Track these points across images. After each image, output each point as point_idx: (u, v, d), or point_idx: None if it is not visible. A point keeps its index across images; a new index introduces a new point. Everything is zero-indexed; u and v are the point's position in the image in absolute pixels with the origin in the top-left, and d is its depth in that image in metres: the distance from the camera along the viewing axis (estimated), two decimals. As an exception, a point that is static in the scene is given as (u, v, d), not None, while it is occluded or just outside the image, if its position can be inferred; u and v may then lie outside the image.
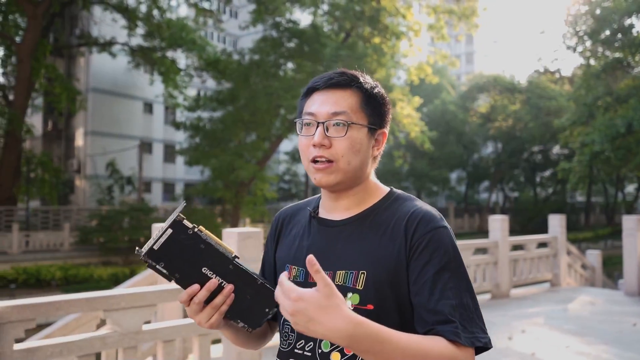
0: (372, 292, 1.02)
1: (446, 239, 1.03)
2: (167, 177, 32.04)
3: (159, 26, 21.50)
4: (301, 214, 1.22)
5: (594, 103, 19.72)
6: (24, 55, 18.34)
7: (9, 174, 19.66)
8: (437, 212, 1.09)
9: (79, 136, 28.23)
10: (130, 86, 28.84)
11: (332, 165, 1.06)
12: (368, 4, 20.40)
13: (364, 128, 1.08)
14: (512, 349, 4.73)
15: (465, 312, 0.97)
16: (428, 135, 23.08)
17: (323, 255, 1.07)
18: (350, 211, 1.13)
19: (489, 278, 7.20)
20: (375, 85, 1.13)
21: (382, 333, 0.91)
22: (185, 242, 0.88)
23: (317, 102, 1.09)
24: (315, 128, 1.07)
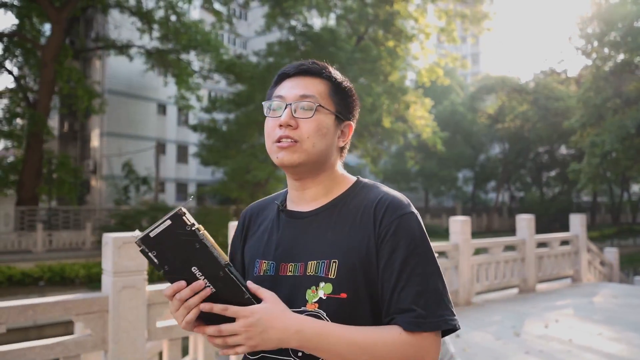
0: (344, 281, 1.02)
1: (414, 225, 1.03)
2: (180, 177, 32.55)
3: (176, 29, 21.94)
4: (269, 208, 1.22)
5: (604, 104, 20.13)
6: (47, 59, 18.84)
7: (31, 174, 20.17)
8: (405, 198, 1.09)
9: (94, 137, 28.74)
10: (145, 88, 29.34)
11: (297, 145, 1.06)
12: (382, 8, 20.85)
13: (332, 115, 1.09)
14: (549, 335, 5.19)
15: (432, 296, 0.98)
16: (439, 136, 23.52)
17: (294, 247, 1.09)
18: (317, 202, 1.13)
19: (516, 273, 7.65)
20: (344, 79, 1.16)
21: (327, 328, 0.95)
22: (181, 237, 0.88)
23: (286, 87, 1.11)
24: (283, 110, 1.08)
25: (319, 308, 1.01)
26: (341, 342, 0.94)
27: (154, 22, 21.89)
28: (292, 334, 0.93)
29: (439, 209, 39.72)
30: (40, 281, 16.27)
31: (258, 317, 0.92)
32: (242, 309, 0.91)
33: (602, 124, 19.88)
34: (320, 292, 1.02)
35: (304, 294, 1.03)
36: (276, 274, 1.09)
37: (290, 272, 1.07)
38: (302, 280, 1.04)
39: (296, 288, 1.04)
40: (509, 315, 6.13)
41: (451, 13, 22.11)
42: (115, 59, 26.97)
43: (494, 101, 35.25)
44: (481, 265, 7.13)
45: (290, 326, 0.93)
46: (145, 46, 23.57)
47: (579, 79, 32.92)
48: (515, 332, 5.31)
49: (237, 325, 0.92)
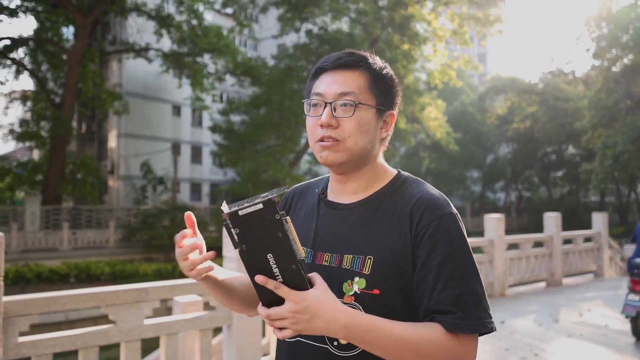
0: (378, 278, 1.02)
1: (452, 226, 1.02)
2: (194, 177, 33.11)
3: (195, 33, 22.43)
4: (310, 193, 1.23)
5: (615, 106, 20.55)
6: (73, 62, 19.39)
7: (56, 174, 20.73)
8: (444, 197, 1.09)
9: (112, 138, 29.31)
10: (160, 89, 29.88)
11: (339, 144, 1.06)
12: (398, 12, 21.32)
13: (372, 109, 1.08)
14: (586, 322, 5.67)
15: (471, 298, 0.99)
16: (452, 137, 24.00)
17: (331, 238, 1.10)
18: (357, 195, 1.13)
19: (544, 268, 8.13)
20: (385, 66, 1.14)
21: (374, 322, 0.95)
22: (267, 222, 0.88)
23: (325, 83, 1.09)
24: (323, 108, 1.07)
25: (355, 301, 1.03)
26: (388, 338, 0.94)
27: (173, 27, 22.38)
28: (340, 328, 0.93)
29: (449, 208, 40.13)
30: (70, 278, 16.82)
31: (307, 304, 0.91)
32: (292, 292, 0.91)
33: (614, 125, 20.30)
34: (355, 286, 1.04)
35: (339, 286, 1.05)
36: (313, 262, 1.10)
37: (326, 262, 1.08)
38: (338, 271, 1.06)
39: (332, 278, 1.05)
40: (544, 306, 6.61)
41: (464, 16, 22.55)
42: (131, 62, 27.52)
43: (503, 102, 35.69)
44: (513, 260, 7.61)
45: (339, 319, 0.93)
46: (162, 49, 24.11)
47: (586, 80, 33.34)
48: (554, 319, 5.79)
49: (285, 309, 0.92)
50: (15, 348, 2.65)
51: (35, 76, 22.07)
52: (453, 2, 21.77)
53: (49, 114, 19.67)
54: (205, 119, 33.53)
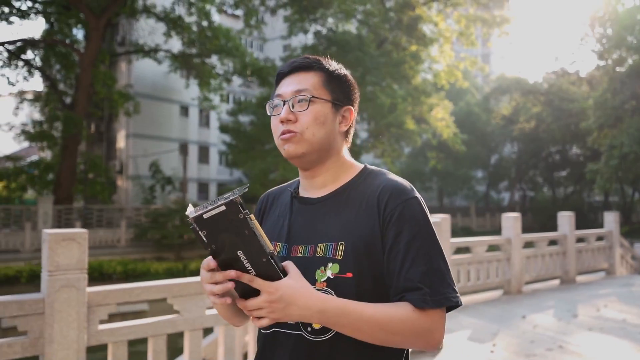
0: (350, 261, 1.08)
1: (416, 209, 1.10)
2: (202, 177, 33.37)
3: (204, 34, 22.64)
4: (284, 195, 1.29)
5: (621, 106, 20.77)
6: (86, 63, 19.65)
7: (68, 174, 20.99)
8: (408, 183, 1.16)
9: (120, 138, 29.57)
10: (168, 90, 30.13)
11: (297, 135, 1.13)
12: (405, 14, 21.54)
13: (327, 103, 1.16)
14: (604, 317, 5.89)
15: (436, 275, 1.05)
16: (459, 137, 24.21)
17: (305, 231, 1.17)
18: (326, 188, 1.20)
19: (558, 266, 8.36)
20: (339, 67, 1.22)
21: (347, 306, 1.01)
22: (232, 222, 0.91)
23: (283, 85, 1.18)
24: (282, 107, 1.15)
25: (327, 287, 1.09)
26: (360, 319, 1.00)
27: (183, 29, 22.58)
28: (314, 313, 0.99)
29: (453, 208, 40.35)
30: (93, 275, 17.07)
31: (280, 293, 0.97)
32: (267, 284, 0.96)
33: (620, 126, 20.52)
34: (328, 272, 1.09)
35: (313, 274, 1.10)
36: (288, 255, 1.16)
37: (301, 254, 1.14)
38: (312, 260, 1.12)
39: (306, 268, 1.10)
40: (561, 301, 6.84)
41: (472, 18, 22.77)
42: (139, 62, 27.76)
43: (508, 102, 35.89)
44: (529, 258, 7.84)
45: (312, 305, 0.98)
46: (171, 50, 24.34)
47: (591, 80, 33.52)
48: (573, 314, 6.02)
49: (261, 300, 0.97)
50: (96, 335, 2.90)
51: (47, 77, 22.33)
52: (460, 4, 21.96)
53: (62, 114, 19.90)
54: (212, 119, 33.81)
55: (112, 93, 20.99)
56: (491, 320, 5.78)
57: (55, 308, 2.71)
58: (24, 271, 16.67)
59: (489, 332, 5.24)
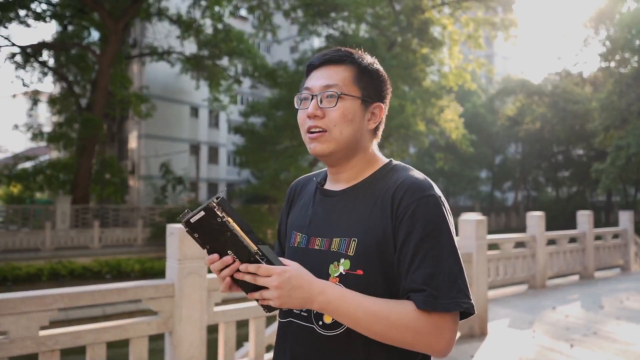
0: (361, 259, 1.07)
1: (432, 208, 1.06)
2: (211, 177, 33.82)
3: (218, 37, 23.02)
4: (311, 184, 1.30)
5: (627, 108, 21.23)
6: (104, 66, 20.08)
7: (85, 175, 21.43)
8: (428, 180, 1.12)
9: (132, 139, 30.00)
10: (178, 91, 30.56)
11: (325, 134, 1.12)
12: (416, 17, 21.98)
13: (357, 100, 1.14)
14: (629, 307, 6.34)
15: (446, 278, 1.01)
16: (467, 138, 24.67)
17: (323, 223, 1.17)
18: (350, 183, 1.19)
19: (578, 262, 8.81)
20: (373, 61, 1.20)
21: (347, 295, 1.02)
22: (215, 225, 0.97)
23: (313, 78, 1.16)
24: (310, 101, 1.14)
25: (339, 282, 1.08)
26: (359, 309, 1.00)
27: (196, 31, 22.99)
28: (316, 295, 1.00)
29: (459, 208, 40.81)
30: (106, 275, 17.50)
31: (288, 275, 0.99)
32: (273, 267, 0.99)
33: (625, 127, 20.98)
34: (340, 268, 1.09)
35: (327, 268, 1.11)
36: (307, 246, 1.17)
37: (318, 246, 1.15)
38: (327, 254, 1.12)
39: (322, 261, 1.12)
40: (584, 295, 7.29)
41: (481, 21, 23.20)
42: (151, 64, 28.19)
43: (513, 103, 36.39)
44: (552, 254, 8.28)
45: (315, 287, 1.01)
46: (184, 52, 24.74)
47: (594, 81, 33.99)
48: (599, 306, 6.47)
49: (271, 281, 0.99)
50: (213, 316, 3.34)
51: (64, 79, 22.76)
52: (470, 8, 22.40)
53: (81, 116, 20.32)
54: (221, 120, 34.27)
55: (129, 95, 21.41)
56: (524, 310, 6.23)
57: (184, 292, 3.10)
58: (45, 269, 17.09)
59: (525, 321, 5.69)
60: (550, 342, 4.87)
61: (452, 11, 22.73)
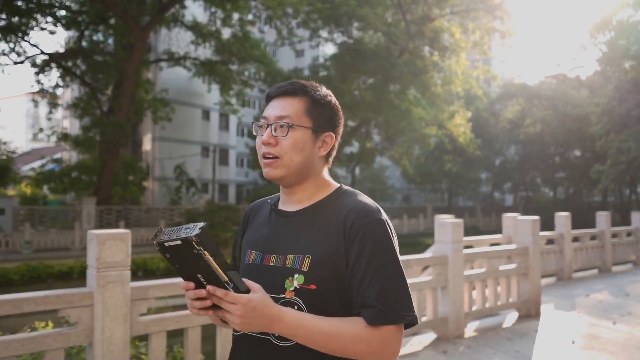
0: (314, 274, 1.16)
1: (379, 231, 1.17)
2: (222, 178, 34.67)
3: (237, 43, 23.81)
4: (265, 207, 1.38)
5: (627, 114, 22.39)
6: (130, 72, 20.92)
7: (109, 177, 22.24)
8: (376, 205, 1.23)
9: (147, 141, 30.81)
10: (191, 95, 31.40)
11: (277, 161, 1.22)
12: (427, 26, 23.01)
13: (307, 130, 1.23)
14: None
15: (391, 294, 1.12)
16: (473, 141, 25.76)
17: (278, 241, 1.25)
18: (302, 204, 1.28)
19: (598, 257, 9.85)
20: (326, 94, 1.29)
21: (303, 318, 1.11)
22: (189, 254, 1.01)
23: (269, 108, 1.26)
24: (265, 129, 1.23)
25: (295, 296, 1.17)
26: (313, 331, 1.10)
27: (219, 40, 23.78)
28: (276, 322, 1.07)
29: (461, 208, 41.96)
30: (138, 272, 18.34)
31: (253, 305, 1.04)
32: (240, 296, 1.04)
33: (626, 132, 22.12)
34: (295, 282, 1.17)
35: (283, 283, 1.19)
36: (261, 263, 1.25)
37: (273, 263, 1.23)
38: (282, 270, 1.20)
39: (276, 277, 1.20)
40: (609, 285, 8.32)
41: (489, 29, 24.26)
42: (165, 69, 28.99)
43: (512, 106, 37.62)
44: (576, 250, 9.31)
45: (274, 315, 1.07)
46: (199, 57, 25.51)
47: (592, 85, 35.26)
48: (625, 294, 7.49)
49: (235, 309, 1.04)
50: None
51: (87, 84, 23.55)
52: (479, 18, 23.46)
53: (109, 120, 21.12)
54: (231, 123, 35.17)
55: (154, 99, 22.25)
56: (561, 297, 7.23)
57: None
58: (75, 267, 17.90)
59: (566, 305, 6.69)
60: (595, 320, 5.87)
61: (461, 20, 23.75)
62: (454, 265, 5.02)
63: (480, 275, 5.46)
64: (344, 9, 19.05)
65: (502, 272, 5.71)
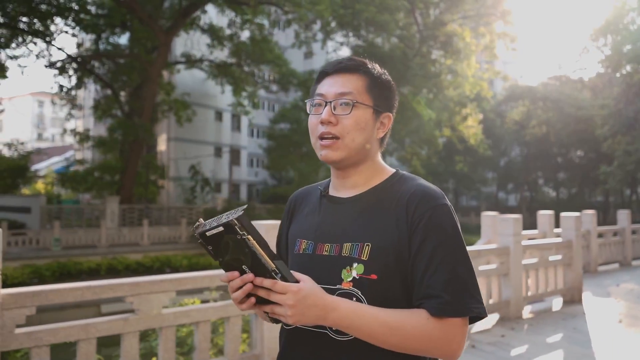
0: (375, 263, 1.09)
1: (445, 217, 1.10)
2: (234, 178, 35.34)
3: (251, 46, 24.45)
4: (313, 194, 1.31)
5: (635, 116, 23.15)
6: (154, 75, 21.58)
7: (131, 176, 22.90)
8: (439, 190, 1.15)
9: (161, 142, 31.44)
10: (204, 96, 32.03)
11: (338, 142, 1.14)
12: (440, 30, 23.72)
13: (369, 109, 1.16)
14: (675, 286, 8.11)
15: (459, 284, 1.05)
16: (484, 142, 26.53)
17: (331, 230, 1.18)
18: (357, 189, 1.21)
19: (619, 252, 10.59)
20: (383, 72, 1.22)
21: (360, 309, 1.03)
22: (233, 241, 0.96)
23: (326, 85, 1.18)
24: (324, 107, 1.16)
25: (353, 286, 1.10)
26: (373, 322, 1.02)
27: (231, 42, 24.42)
28: (330, 312, 1.01)
29: (467, 207, 42.81)
30: (166, 268, 19.01)
31: (304, 294, 0.99)
32: (290, 285, 0.98)
33: (633, 133, 22.90)
34: (353, 272, 1.10)
35: (339, 273, 1.12)
36: (313, 252, 1.19)
37: (327, 252, 1.16)
38: (338, 260, 1.14)
39: (332, 267, 1.14)
40: (635, 276, 9.08)
41: (498, 32, 25.00)
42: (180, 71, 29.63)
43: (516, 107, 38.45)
44: (600, 246, 10.05)
45: (328, 304, 1.01)
46: (214, 60, 26.11)
47: (594, 87, 36.06)
48: (652, 284, 8.23)
49: (285, 299, 0.98)
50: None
51: (109, 86, 24.19)
52: (490, 23, 24.20)
53: (134, 122, 21.78)
54: (243, 124, 35.84)
55: (175, 101, 22.92)
56: (595, 287, 7.94)
57: None
58: (103, 264, 18.55)
59: (602, 292, 7.41)
60: (632, 305, 6.60)
61: (474, 25, 24.47)
62: (515, 255, 5.73)
63: (535, 265, 6.18)
64: (365, 15, 19.69)
65: (551, 262, 6.43)
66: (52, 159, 42.80)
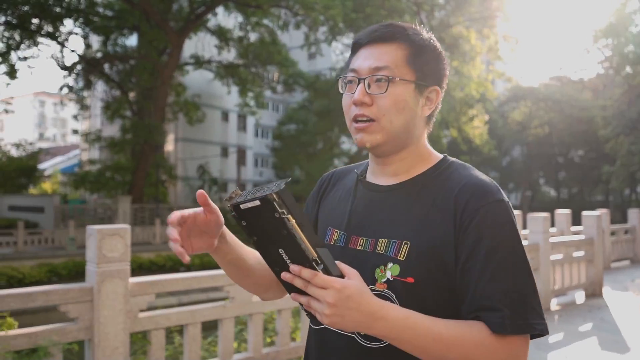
0: (413, 265, 0.94)
1: (501, 214, 0.93)
2: (240, 177, 35.72)
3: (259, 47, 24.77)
4: (349, 177, 1.16)
5: (638, 118, 23.64)
6: (166, 76, 21.89)
7: (142, 176, 23.22)
8: (494, 183, 0.98)
9: (169, 142, 31.76)
10: (211, 96, 32.37)
11: (374, 125, 0.98)
12: (447, 33, 24.13)
13: (410, 84, 0.99)
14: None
15: (519, 296, 0.89)
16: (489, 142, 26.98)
17: (366, 221, 1.03)
18: (398, 177, 1.05)
19: (630, 249, 11.01)
20: (429, 37, 1.03)
21: (412, 318, 0.87)
22: (270, 219, 0.81)
23: (360, 58, 1.01)
24: (357, 85, 0.99)
25: (387, 289, 0.96)
26: (427, 336, 0.86)
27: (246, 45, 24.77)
28: (375, 321, 0.85)
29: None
30: (181, 267, 19.33)
31: (348, 293, 0.83)
32: (333, 280, 0.83)
33: (636, 134, 23.38)
34: (387, 273, 0.96)
35: (372, 272, 0.97)
36: (345, 245, 1.04)
37: (360, 247, 1.02)
38: (371, 256, 0.99)
39: (365, 264, 0.98)
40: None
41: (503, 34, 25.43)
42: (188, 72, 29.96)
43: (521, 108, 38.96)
44: (613, 243, 10.47)
45: (375, 312, 0.84)
46: (222, 61, 26.42)
47: (594, 87, 36.59)
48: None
49: (326, 295, 0.82)
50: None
51: (120, 87, 24.50)
52: (495, 26, 24.63)
53: (146, 123, 22.09)
54: (249, 124, 36.19)
55: (186, 102, 23.26)
56: (611, 282, 8.34)
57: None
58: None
59: (619, 287, 7.81)
60: (651, 299, 7.01)
61: (479, 27, 24.88)
62: (544, 251, 6.12)
63: (561, 260, 6.57)
64: (376, 19, 20.05)
65: (575, 258, 6.82)
66: (55, 159, 43.18)
